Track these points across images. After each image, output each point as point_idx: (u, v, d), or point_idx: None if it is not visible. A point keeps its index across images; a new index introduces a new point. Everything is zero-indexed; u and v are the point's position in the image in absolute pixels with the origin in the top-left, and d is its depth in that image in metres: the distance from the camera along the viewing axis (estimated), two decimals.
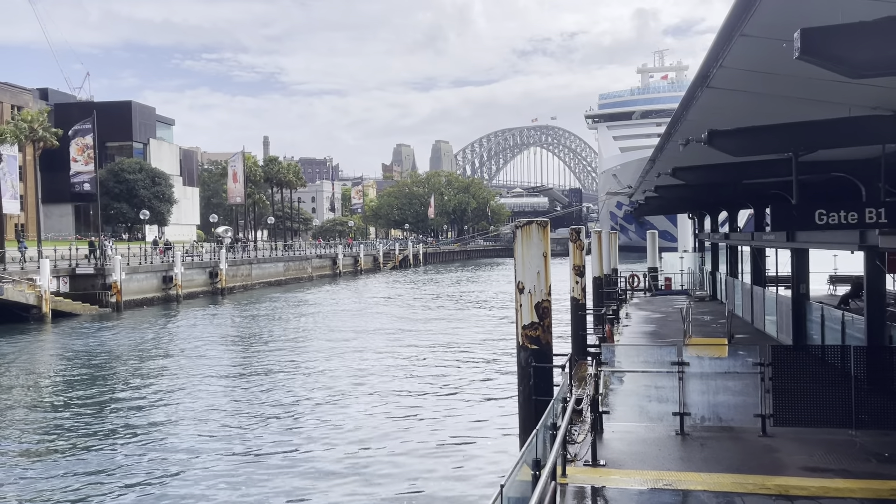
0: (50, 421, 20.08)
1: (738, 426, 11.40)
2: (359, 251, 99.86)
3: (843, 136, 9.73)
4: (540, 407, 10.77)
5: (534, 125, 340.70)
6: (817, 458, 10.13)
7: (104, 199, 75.27)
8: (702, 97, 9.34)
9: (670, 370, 11.56)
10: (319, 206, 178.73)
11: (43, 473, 15.58)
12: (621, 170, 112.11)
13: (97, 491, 14.58)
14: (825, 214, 9.66)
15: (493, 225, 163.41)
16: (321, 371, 26.88)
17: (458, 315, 45.13)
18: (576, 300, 23.94)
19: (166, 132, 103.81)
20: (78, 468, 15.85)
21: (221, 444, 17.54)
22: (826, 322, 16.69)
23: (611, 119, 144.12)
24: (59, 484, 14.91)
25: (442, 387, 23.69)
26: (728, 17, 6.75)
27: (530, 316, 12.00)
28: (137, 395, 23.20)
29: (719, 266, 33.05)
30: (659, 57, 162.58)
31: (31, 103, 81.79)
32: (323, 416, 20.13)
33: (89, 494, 14.39)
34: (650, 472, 9.63)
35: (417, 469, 15.55)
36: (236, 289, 63.95)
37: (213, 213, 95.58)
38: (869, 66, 5.56)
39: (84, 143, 59.40)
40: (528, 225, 12.08)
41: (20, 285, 41.48)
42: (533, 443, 7.82)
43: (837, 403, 10.91)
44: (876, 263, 13.13)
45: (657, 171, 18.83)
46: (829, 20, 5.50)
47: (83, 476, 15.37)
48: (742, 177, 16.30)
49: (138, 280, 51.40)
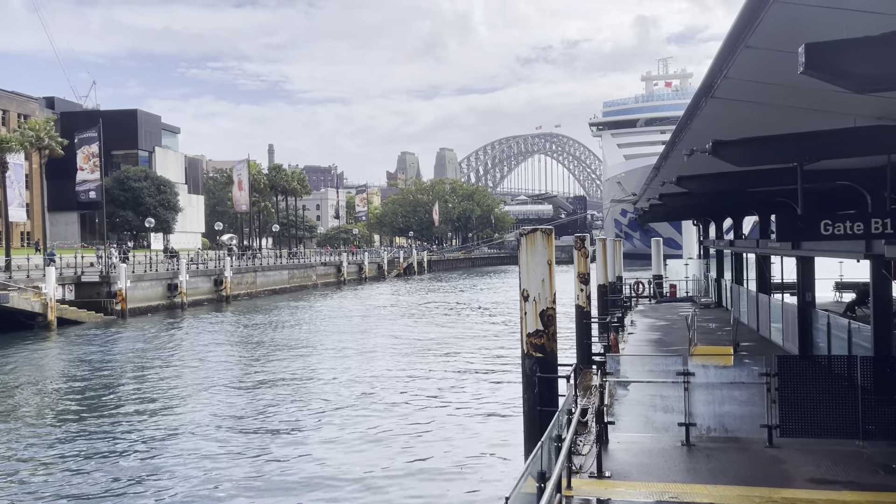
0: (53, 429, 20.08)
1: (744, 437, 11.34)
2: (363, 259, 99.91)
3: (849, 147, 9.70)
4: (545, 417, 10.73)
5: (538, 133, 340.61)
6: (824, 469, 10.06)
7: (110, 207, 75.55)
8: (706, 107, 9.33)
9: (676, 380, 11.51)
10: (324, 213, 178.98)
11: (45, 481, 15.57)
12: (626, 177, 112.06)
13: (101, 498, 14.56)
14: (830, 224, 9.63)
15: (498, 232, 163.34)
16: (325, 380, 26.85)
17: (463, 323, 45.07)
18: (580, 308, 23.89)
19: (172, 140, 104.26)
20: (81, 475, 15.83)
21: (225, 452, 17.51)
22: (832, 330, 16.61)
23: (615, 127, 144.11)
24: (61, 491, 14.90)
25: (446, 396, 23.63)
26: (733, 28, 6.75)
27: (535, 324, 11.97)
28: (140, 404, 23.20)
29: (724, 273, 32.95)
30: (663, 65, 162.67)
31: (38, 112, 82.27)
32: (327, 425, 20.10)
33: (92, 502, 14.39)
34: (656, 485, 9.57)
35: (421, 480, 15.50)
36: (241, 296, 64.02)
37: (218, 221, 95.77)
38: (874, 81, 5.54)
39: (90, 152, 59.64)
40: (532, 232, 12.06)
41: (26, 293, 41.61)
42: (538, 455, 7.79)
43: (844, 414, 10.84)
44: (882, 272, 13.07)
45: (661, 179, 18.80)
46: (835, 34, 5.49)
47: (86, 484, 15.35)
48: (746, 185, 16.25)
49: (143, 288, 51.52)
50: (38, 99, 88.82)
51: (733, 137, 10.07)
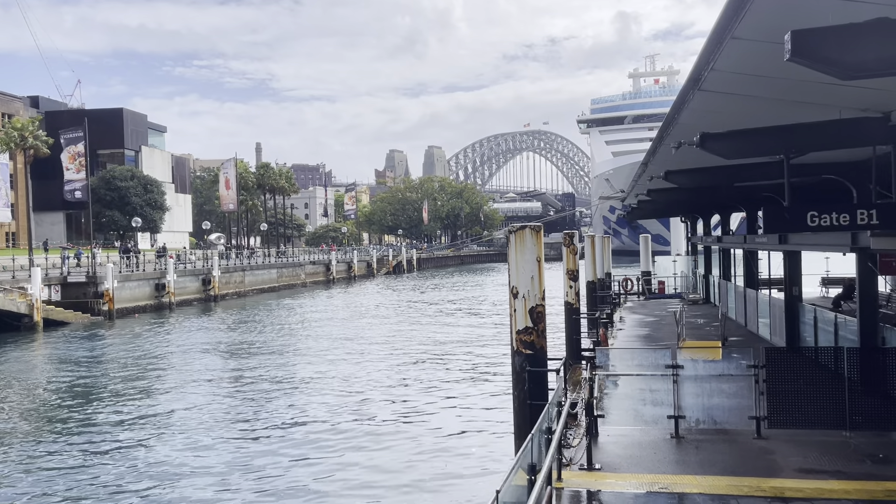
0: (38, 430, 19.91)
1: (732, 429, 11.41)
2: (352, 257, 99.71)
3: (834, 138, 9.76)
4: (535, 411, 10.75)
5: (526, 130, 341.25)
6: (812, 459, 10.14)
7: (96, 207, 74.97)
8: (693, 100, 9.35)
9: (665, 373, 11.56)
10: (312, 212, 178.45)
11: (30, 482, 15.43)
12: (614, 174, 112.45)
13: (85, 500, 14.45)
14: (817, 216, 9.68)
15: (487, 230, 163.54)
16: (315, 378, 26.78)
17: (452, 320, 45.08)
18: (570, 304, 23.98)
19: (158, 139, 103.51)
20: (66, 477, 15.70)
21: (210, 454, 17.43)
22: (819, 324, 16.73)
23: (603, 124, 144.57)
24: (46, 492, 14.77)
25: (436, 392, 23.63)
26: (719, 19, 6.76)
27: (524, 320, 12.00)
28: (125, 406, 23.04)
29: (712, 269, 33.13)
30: (650, 61, 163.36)
31: (22, 111, 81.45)
32: (316, 422, 20.04)
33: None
34: (646, 476, 9.61)
35: (412, 475, 15.48)
36: (229, 296, 63.72)
37: (205, 220, 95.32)
38: (860, 68, 5.57)
39: (76, 151, 59.25)
40: (521, 230, 12.08)
41: (11, 294, 41.22)
42: (528, 447, 7.80)
43: (831, 405, 10.93)
44: (868, 265, 13.16)
45: (649, 174, 18.86)
46: (820, 22, 5.51)
47: (71, 485, 15.23)
48: (734, 179, 16.34)
49: (130, 288, 51.16)
50: (22, 98, 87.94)
51: (721, 130, 10.11)
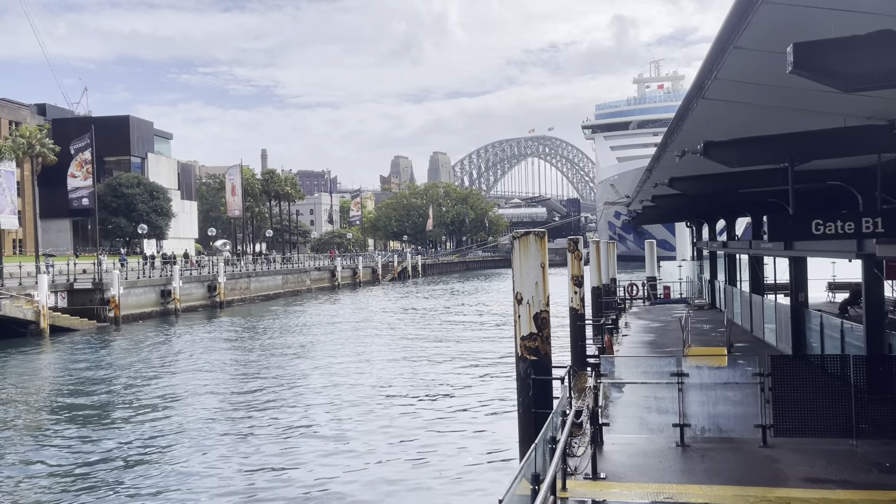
0: (44, 436, 19.95)
1: (738, 437, 11.35)
2: (358, 263, 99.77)
3: (839, 146, 9.75)
4: (539, 419, 10.72)
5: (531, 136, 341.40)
6: (818, 468, 10.08)
7: (102, 214, 75.31)
8: (697, 108, 9.36)
9: (670, 381, 11.52)
10: (318, 218, 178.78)
11: (37, 490, 15.47)
12: (619, 179, 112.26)
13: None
14: (822, 224, 9.66)
15: (492, 236, 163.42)
16: (320, 386, 26.77)
17: (457, 327, 45.03)
18: (574, 310, 23.90)
19: (164, 146, 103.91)
20: (72, 482, 15.73)
21: (217, 459, 17.43)
22: (825, 330, 16.67)
23: (608, 129, 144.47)
24: (52, 498, 14.80)
25: (440, 399, 23.60)
26: (722, 29, 6.78)
27: (529, 327, 11.97)
28: (131, 412, 23.08)
29: (718, 274, 33.04)
30: (654, 66, 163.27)
31: (29, 119, 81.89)
32: (321, 429, 20.04)
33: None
34: (651, 485, 9.58)
35: (415, 483, 15.46)
36: (235, 302, 63.80)
37: (211, 227, 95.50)
38: (862, 80, 5.57)
39: (83, 158, 59.46)
40: (525, 235, 12.06)
41: (18, 300, 41.35)
42: (532, 456, 7.78)
43: (838, 413, 10.87)
44: (874, 272, 13.13)
45: (654, 181, 18.86)
46: (822, 34, 5.52)
47: (77, 490, 15.25)
48: (738, 186, 16.33)
49: (136, 294, 51.29)
50: (29, 106, 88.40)
51: (724, 138, 10.11)
